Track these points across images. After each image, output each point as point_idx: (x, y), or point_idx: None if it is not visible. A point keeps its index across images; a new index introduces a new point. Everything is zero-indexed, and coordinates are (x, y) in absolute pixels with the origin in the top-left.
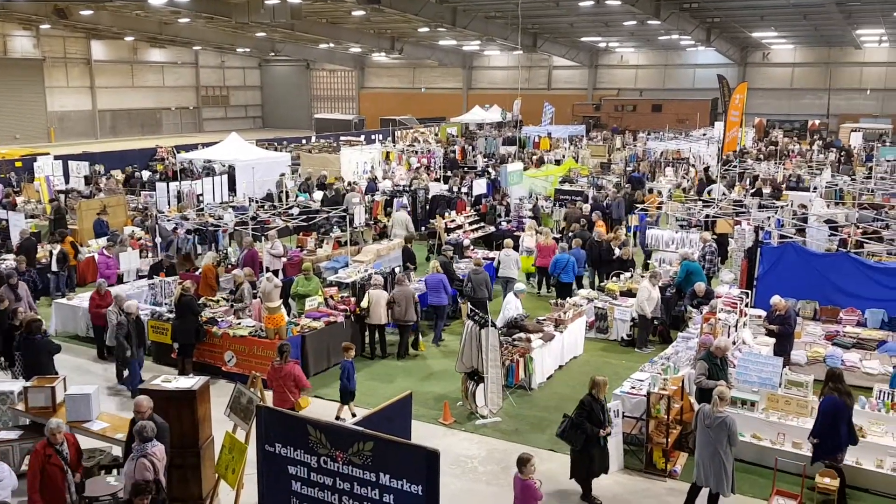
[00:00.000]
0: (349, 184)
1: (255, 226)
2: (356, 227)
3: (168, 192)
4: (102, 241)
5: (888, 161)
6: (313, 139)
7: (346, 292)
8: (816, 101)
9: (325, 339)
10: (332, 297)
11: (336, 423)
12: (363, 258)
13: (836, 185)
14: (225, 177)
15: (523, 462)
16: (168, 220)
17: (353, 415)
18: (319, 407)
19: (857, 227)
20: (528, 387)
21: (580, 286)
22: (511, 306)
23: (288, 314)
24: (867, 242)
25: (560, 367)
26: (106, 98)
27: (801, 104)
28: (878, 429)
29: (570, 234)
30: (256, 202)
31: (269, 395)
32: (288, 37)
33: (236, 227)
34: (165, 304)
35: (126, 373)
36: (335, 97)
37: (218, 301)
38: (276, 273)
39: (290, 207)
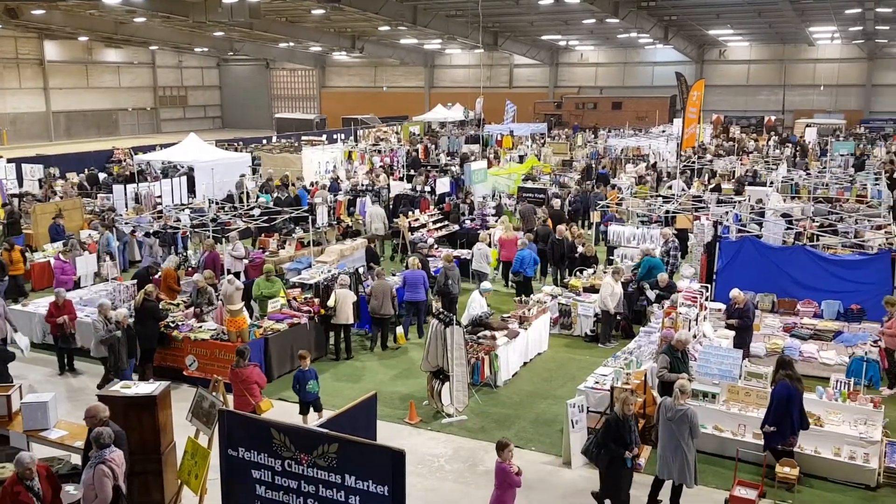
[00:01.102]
0: (310, 183)
1: (215, 227)
2: (319, 228)
3: (125, 194)
4: (58, 245)
5: (842, 155)
6: (274, 139)
7: (310, 293)
8: (772, 97)
9: (288, 341)
10: (295, 298)
11: (300, 426)
12: (327, 259)
13: (792, 179)
14: (184, 178)
15: (501, 447)
16: (126, 223)
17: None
18: (283, 410)
19: (813, 221)
20: (494, 384)
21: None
22: (476, 304)
23: (250, 316)
24: (822, 235)
25: (525, 363)
26: (60, 99)
27: (758, 100)
28: (835, 418)
29: (531, 231)
30: (216, 204)
31: (231, 399)
32: (246, 36)
33: (195, 230)
34: (125, 308)
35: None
36: (296, 96)
37: (178, 305)
38: (237, 275)
39: (251, 209)
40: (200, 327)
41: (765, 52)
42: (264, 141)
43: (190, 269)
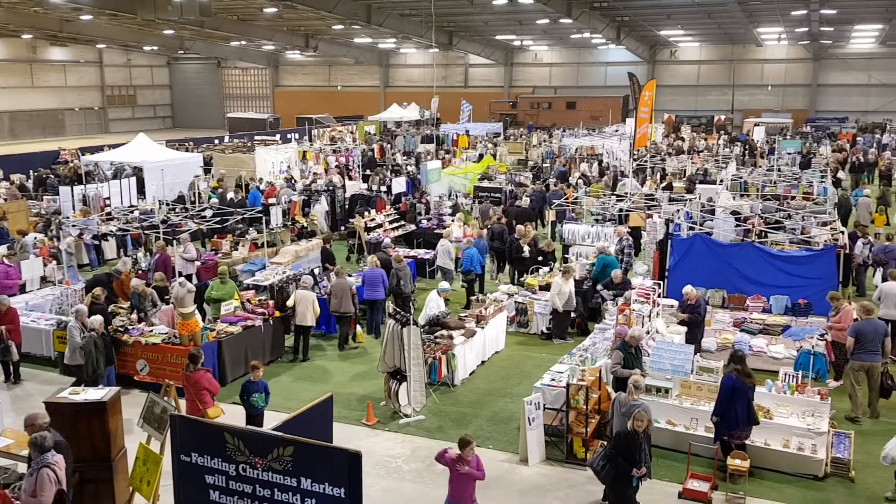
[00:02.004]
0: (261, 180)
1: (166, 229)
2: (273, 229)
3: (73, 195)
4: (3, 249)
5: (789, 154)
6: (226, 139)
7: (265, 295)
8: (722, 97)
9: (242, 344)
10: (249, 300)
11: (254, 430)
12: (281, 260)
13: (741, 177)
14: (133, 179)
15: (464, 444)
16: (73, 226)
17: None
18: (237, 414)
19: (762, 218)
20: (451, 383)
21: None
22: (433, 304)
23: (203, 319)
24: (771, 232)
25: (482, 362)
26: (3, 99)
27: (708, 100)
28: (783, 410)
29: (489, 229)
30: (167, 205)
31: (183, 404)
32: (197, 34)
33: (145, 232)
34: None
35: None
36: (248, 96)
37: (127, 309)
38: (189, 277)
39: (203, 209)
40: (151, 331)
41: (714, 52)
42: (216, 141)
43: (141, 272)
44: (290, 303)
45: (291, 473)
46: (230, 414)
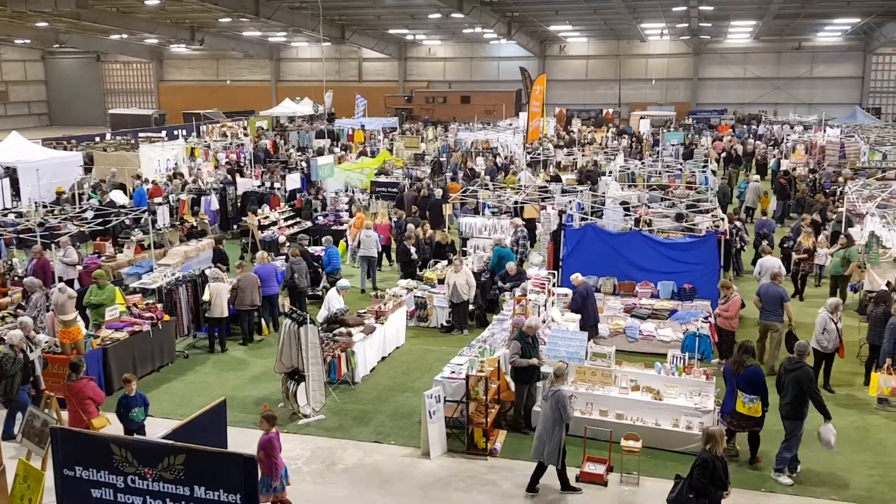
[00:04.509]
0: (144, 179)
1: (43, 232)
2: (160, 229)
3: None
4: None
5: (673, 145)
6: (108, 136)
7: (152, 298)
8: (609, 91)
9: (130, 351)
10: (135, 304)
11: (142, 439)
12: (170, 261)
13: (629, 169)
14: (7, 180)
15: (265, 418)
16: None
17: None
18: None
19: (648, 207)
20: (352, 381)
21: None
22: (334, 302)
23: (86, 326)
24: (657, 220)
25: (383, 358)
26: None
27: (596, 94)
28: (672, 391)
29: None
30: (44, 207)
31: (66, 415)
32: (74, 27)
33: (20, 235)
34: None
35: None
36: (131, 91)
37: (4, 318)
38: (70, 283)
39: (84, 210)
40: None
41: (601, 47)
42: (97, 138)
43: (17, 278)
44: (206, 297)
45: (184, 482)
46: (117, 424)
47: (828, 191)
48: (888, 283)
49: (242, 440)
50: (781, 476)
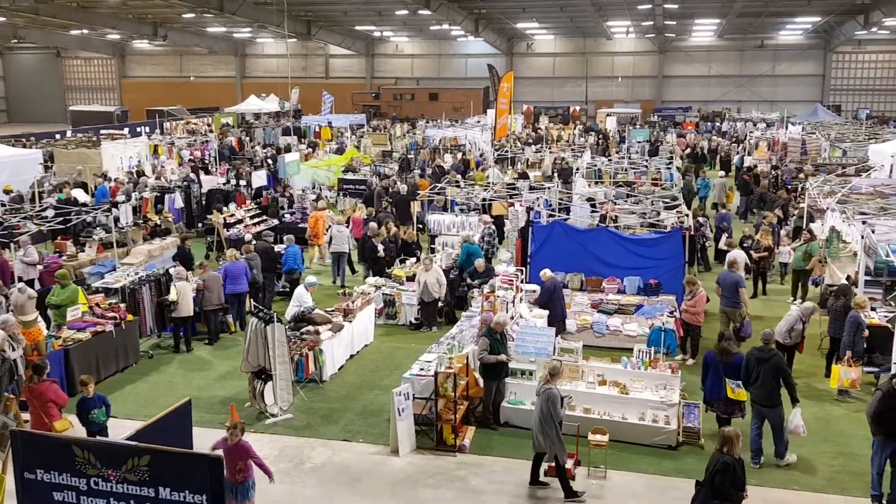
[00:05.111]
0: (104, 176)
1: (2, 231)
2: (123, 228)
3: None
4: None
5: (639, 142)
6: (69, 133)
7: (115, 298)
8: (576, 88)
9: (92, 352)
10: (98, 304)
11: (105, 441)
12: (133, 260)
13: (595, 165)
14: None
15: (231, 427)
16: None
17: None
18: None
19: (615, 203)
20: (320, 379)
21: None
22: (300, 299)
23: (47, 327)
24: (623, 217)
25: (351, 356)
26: None
27: (563, 91)
28: (639, 385)
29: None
30: (3, 205)
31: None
32: (32, 22)
33: None
34: None
35: None
36: (93, 87)
37: None
38: (31, 283)
39: (45, 209)
40: None
41: (568, 45)
42: (58, 136)
43: None
44: (173, 297)
45: (148, 483)
46: (80, 427)
47: (789, 187)
48: (848, 277)
49: (208, 441)
50: (788, 456)
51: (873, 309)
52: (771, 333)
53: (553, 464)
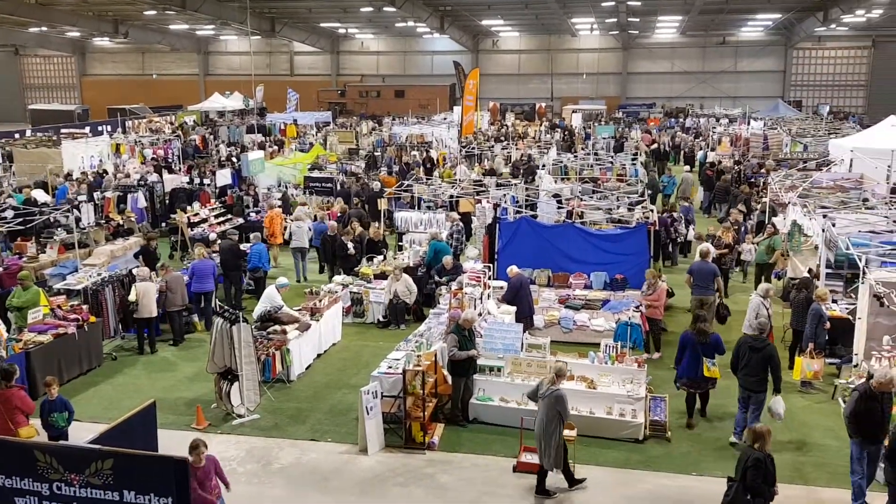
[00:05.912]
0: (68, 175)
1: None
2: (85, 228)
3: None
4: None
5: (604, 139)
6: (28, 133)
7: (77, 300)
8: (542, 85)
9: (54, 354)
10: (59, 306)
11: (68, 444)
12: (95, 261)
13: (562, 162)
14: None
15: (192, 448)
16: None
17: None
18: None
19: (581, 199)
20: (287, 379)
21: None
22: (268, 299)
23: (8, 330)
24: (589, 212)
25: (319, 355)
26: None
27: (529, 88)
28: (605, 380)
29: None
30: None
31: None
32: None
33: None
34: None
35: None
36: (52, 86)
37: None
38: None
39: (3, 210)
40: None
41: (533, 42)
42: (17, 135)
43: None
44: (133, 297)
45: (113, 487)
46: (45, 433)
47: (752, 181)
48: (809, 270)
49: (173, 443)
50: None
51: (834, 301)
52: (766, 322)
53: (522, 459)
